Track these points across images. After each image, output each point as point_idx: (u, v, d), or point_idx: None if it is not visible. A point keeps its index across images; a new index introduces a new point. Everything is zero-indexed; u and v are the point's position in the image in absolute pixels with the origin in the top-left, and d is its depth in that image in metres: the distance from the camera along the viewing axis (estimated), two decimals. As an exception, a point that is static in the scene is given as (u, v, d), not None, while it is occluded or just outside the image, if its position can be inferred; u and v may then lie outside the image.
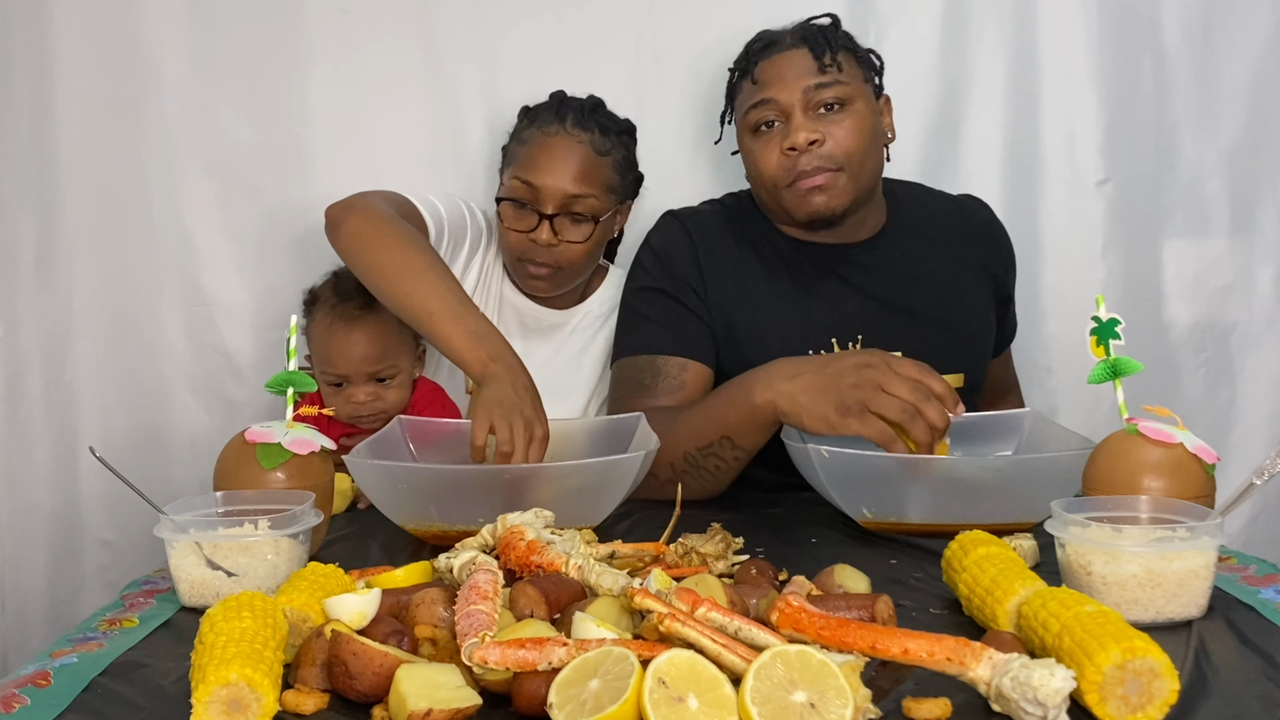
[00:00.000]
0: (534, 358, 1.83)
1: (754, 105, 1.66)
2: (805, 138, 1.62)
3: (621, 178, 1.82)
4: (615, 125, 1.83)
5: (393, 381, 1.72)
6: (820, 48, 1.64)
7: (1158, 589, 1.00)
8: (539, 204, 1.74)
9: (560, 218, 1.74)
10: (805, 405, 1.38)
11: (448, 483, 1.33)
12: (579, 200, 1.74)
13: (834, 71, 1.64)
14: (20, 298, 1.96)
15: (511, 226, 1.77)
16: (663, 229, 1.78)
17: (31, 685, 0.90)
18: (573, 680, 0.81)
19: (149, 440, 2.02)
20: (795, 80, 1.64)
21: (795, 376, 1.41)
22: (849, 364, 1.38)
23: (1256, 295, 2.11)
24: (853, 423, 1.34)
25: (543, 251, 1.76)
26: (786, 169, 1.64)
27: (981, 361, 1.79)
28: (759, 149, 1.67)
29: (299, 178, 2.01)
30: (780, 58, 1.66)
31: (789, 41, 1.67)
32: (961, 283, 1.77)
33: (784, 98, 1.64)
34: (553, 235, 1.74)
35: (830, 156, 1.63)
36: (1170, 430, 1.15)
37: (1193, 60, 2.05)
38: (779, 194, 1.67)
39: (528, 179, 1.74)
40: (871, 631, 0.84)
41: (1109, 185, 2.06)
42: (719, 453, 1.50)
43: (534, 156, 1.76)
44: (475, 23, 2.00)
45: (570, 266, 1.79)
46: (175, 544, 1.09)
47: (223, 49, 1.98)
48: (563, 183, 1.73)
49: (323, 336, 1.71)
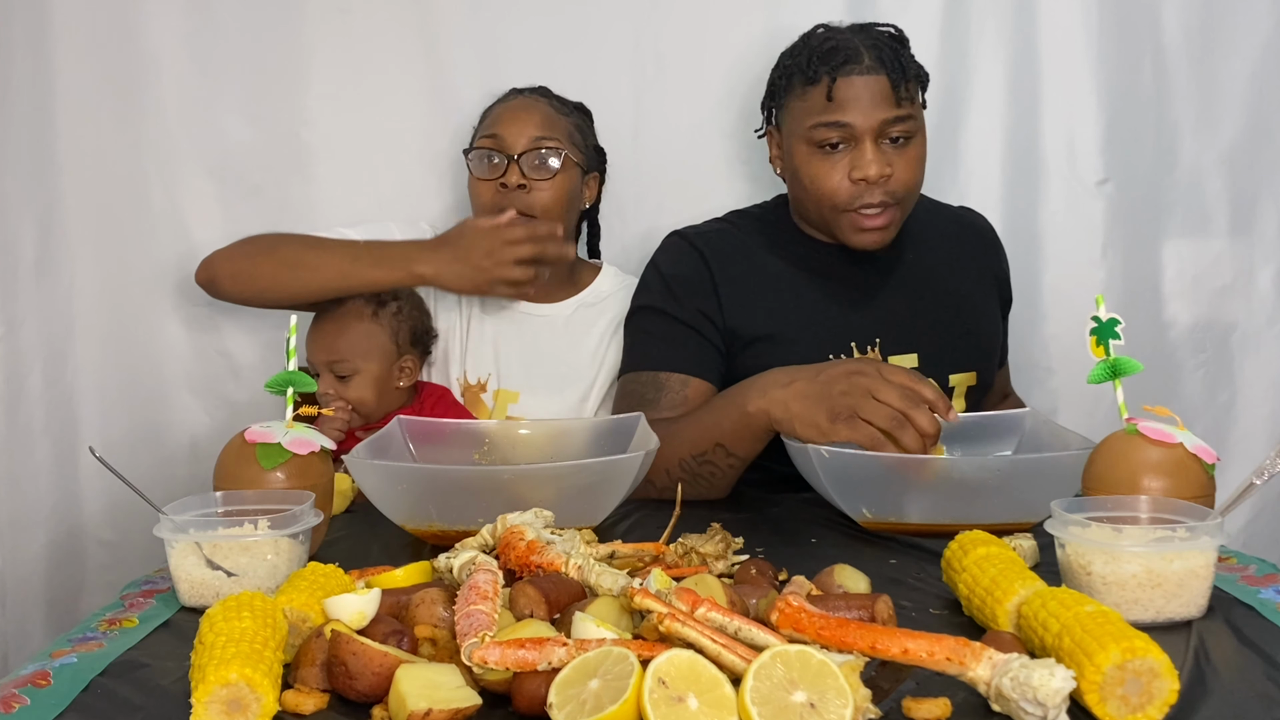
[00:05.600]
0: (528, 352, 1.85)
1: (825, 124, 1.63)
2: (878, 172, 1.61)
3: (584, 139, 1.87)
4: (569, 102, 1.89)
5: (350, 381, 1.73)
6: (898, 77, 1.62)
7: (1158, 589, 1.00)
8: (505, 149, 1.79)
9: (527, 156, 1.78)
10: (797, 412, 1.39)
11: (448, 483, 1.33)
12: (543, 140, 1.79)
13: (907, 104, 1.63)
14: (20, 298, 1.96)
15: (481, 177, 1.81)
16: (670, 250, 1.78)
17: (31, 685, 0.90)
18: (573, 680, 0.81)
19: (149, 440, 2.02)
20: (873, 109, 1.61)
21: (788, 384, 1.42)
22: (840, 371, 1.40)
23: (1256, 295, 2.11)
24: (842, 429, 1.35)
25: (513, 197, 1.78)
26: (851, 195, 1.64)
27: (991, 362, 1.81)
28: (820, 166, 1.65)
29: (299, 178, 2.01)
30: (859, 81, 1.62)
31: (868, 63, 1.62)
32: (971, 287, 1.80)
33: (860, 125, 1.62)
34: (521, 175, 1.78)
35: (893, 191, 1.64)
36: (1170, 430, 1.14)
37: (1193, 60, 2.05)
38: (836, 215, 1.67)
39: (493, 132, 1.81)
40: (871, 631, 0.84)
41: (1109, 185, 2.07)
42: (714, 460, 1.50)
43: (497, 117, 1.84)
44: (475, 23, 2.00)
45: (544, 216, 1.80)
46: (175, 544, 1.09)
47: (223, 49, 1.99)
48: (527, 130, 1.80)
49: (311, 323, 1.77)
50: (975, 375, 1.74)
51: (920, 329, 1.71)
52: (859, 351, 1.68)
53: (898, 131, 1.63)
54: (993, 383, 1.81)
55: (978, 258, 1.83)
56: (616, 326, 1.84)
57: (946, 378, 1.71)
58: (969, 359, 1.74)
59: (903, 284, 1.74)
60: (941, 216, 1.85)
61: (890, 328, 1.70)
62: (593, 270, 1.95)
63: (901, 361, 1.68)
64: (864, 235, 1.66)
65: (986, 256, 1.85)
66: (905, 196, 1.66)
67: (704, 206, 1.93)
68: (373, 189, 2.02)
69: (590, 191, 1.91)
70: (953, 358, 1.73)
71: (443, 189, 2.01)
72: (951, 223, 1.85)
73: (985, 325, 1.80)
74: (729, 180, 2.03)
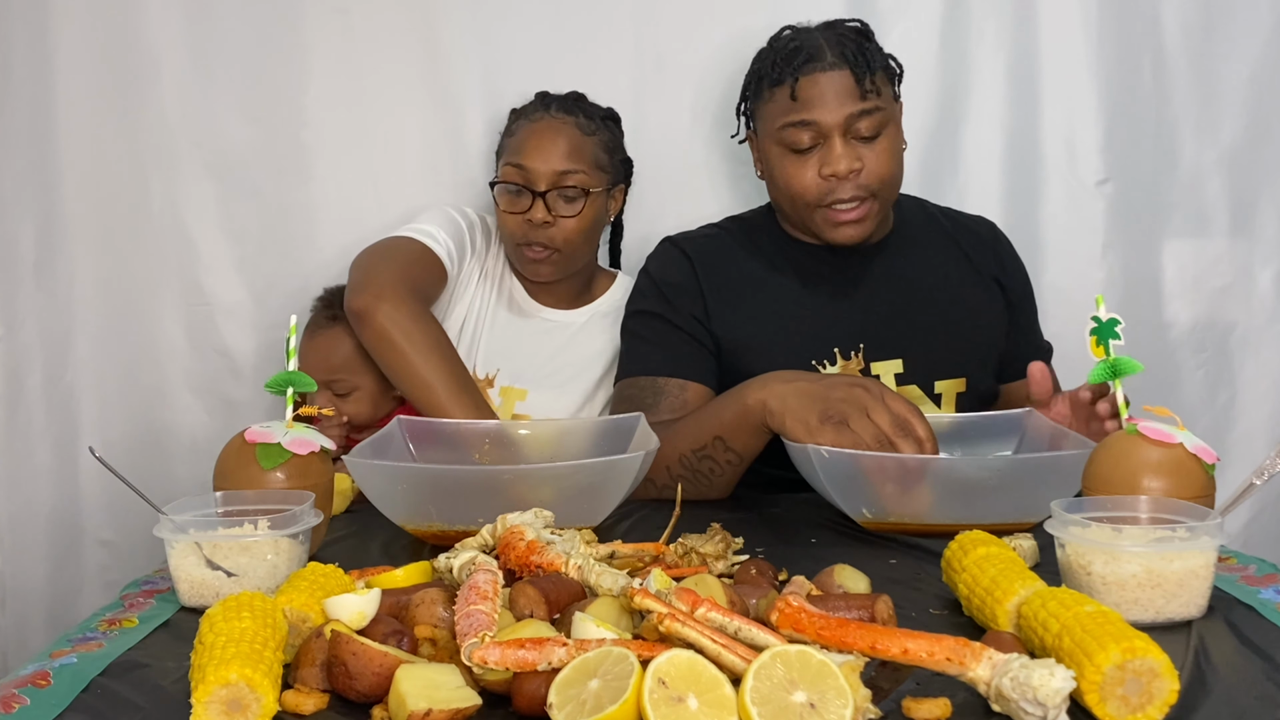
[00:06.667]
0: (540, 353, 1.85)
1: (791, 124, 1.64)
2: (847, 167, 1.62)
3: (610, 156, 1.85)
4: (599, 111, 1.87)
5: (349, 397, 1.75)
6: (861, 70, 1.62)
7: (1158, 589, 0.99)
8: (531, 184, 1.78)
9: (552, 194, 1.77)
10: (792, 407, 1.40)
11: (447, 483, 1.33)
12: (569, 175, 1.78)
13: (873, 97, 1.63)
14: (20, 298, 1.96)
15: (507, 210, 1.80)
16: (661, 256, 1.79)
17: (31, 685, 0.90)
18: (573, 680, 0.81)
19: (149, 440, 2.02)
20: (838, 105, 1.62)
21: (791, 381, 1.44)
22: (844, 381, 1.41)
23: (1256, 295, 2.10)
24: (829, 431, 1.35)
25: (539, 232, 1.78)
26: (823, 192, 1.64)
27: (987, 369, 1.78)
28: (791, 167, 1.66)
29: (299, 178, 2.01)
30: (823, 77, 1.62)
31: (830, 60, 1.63)
32: (967, 291, 1.78)
33: (826, 121, 1.62)
34: (547, 213, 1.77)
35: (866, 185, 1.64)
36: (1170, 430, 1.14)
37: (1193, 60, 2.05)
38: (810, 213, 1.68)
39: (518, 163, 1.79)
40: (871, 631, 0.84)
41: (1109, 185, 2.06)
42: (713, 455, 1.50)
43: (523, 142, 1.81)
44: (475, 23, 2.00)
45: (568, 246, 1.80)
46: (175, 544, 1.09)
47: (223, 49, 1.98)
48: (552, 161, 1.78)
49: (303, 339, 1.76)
50: (965, 381, 1.73)
51: (906, 334, 1.71)
52: (841, 356, 1.69)
53: (866, 125, 1.63)
54: (990, 390, 1.79)
55: (977, 261, 1.81)
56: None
57: (932, 384, 1.71)
58: (958, 365, 1.73)
59: (890, 288, 1.74)
60: (940, 221, 1.85)
61: (874, 332, 1.70)
62: (609, 278, 1.95)
63: (885, 367, 1.69)
64: (840, 230, 1.67)
65: (985, 260, 1.82)
66: (880, 189, 1.66)
67: (703, 209, 1.94)
68: (373, 189, 2.02)
69: (616, 204, 1.91)
70: (939, 363, 1.72)
71: (443, 189, 2.01)
72: (951, 227, 1.84)
73: (982, 331, 1.78)
74: (729, 181, 2.03)
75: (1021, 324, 1.84)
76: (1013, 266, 1.86)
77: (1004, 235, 1.89)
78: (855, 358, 1.69)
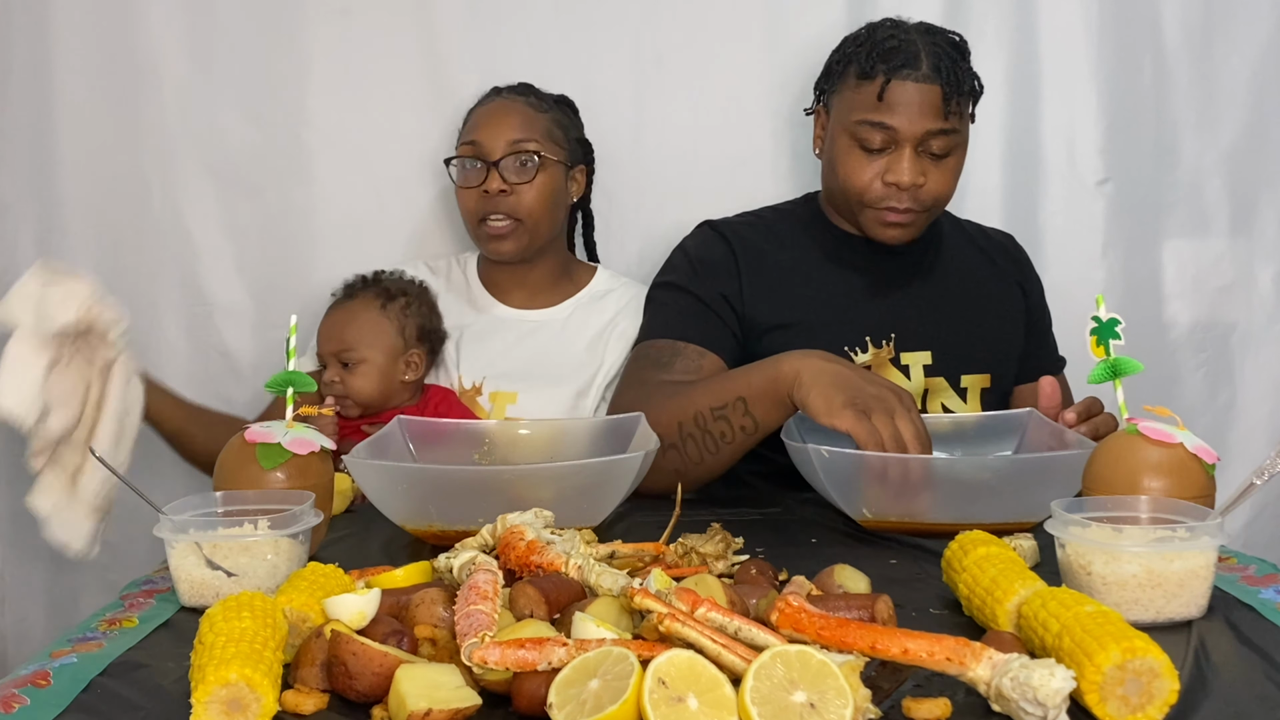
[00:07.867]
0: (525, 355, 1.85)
1: (870, 122, 1.64)
2: (910, 180, 1.63)
3: (564, 134, 1.87)
4: (550, 96, 1.90)
5: (357, 369, 1.75)
6: (951, 89, 1.62)
7: (1158, 589, 1.00)
8: (484, 155, 1.80)
9: (506, 160, 1.79)
10: (824, 384, 1.39)
11: (448, 483, 1.33)
12: (521, 144, 1.80)
13: (954, 118, 1.64)
14: (20, 298, 1.96)
15: (463, 185, 1.83)
16: (699, 235, 1.81)
17: (31, 685, 0.89)
18: (573, 680, 0.81)
19: (149, 440, 2.02)
20: (920, 118, 1.62)
21: (830, 360, 1.44)
22: (884, 382, 1.42)
23: (1256, 295, 2.11)
24: (849, 415, 1.35)
25: (497, 202, 1.80)
26: (879, 195, 1.66)
27: (1010, 368, 1.80)
28: (855, 161, 1.67)
29: (299, 178, 2.01)
30: (913, 87, 1.62)
31: (924, 71, 1.62)
32: (994, 291, 1.81)
33: (904, 130, 1.62)
34: (502, 181, 1.79)
35: (922, 200, 1.66)
36: (1170, 430, 1.14)
37: (1193, 60, 2.05)
38: (860, 208, 1.69)
39: (472, 139, 1.82)
40: (871, 631, 0.84)
41: (1109, 185, 2.07)
42: (729, 416, 1.49)
43: (475, 121, 1.85)
44: (475, 23, 2.00)
45: (530, 218, 1.81)
46: (175, 544, 1.09)
47: (223, 49, 1.98)
48: (504, 133, 1.81)
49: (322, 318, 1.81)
50: (990, 378, 1.75)
51: (936, 327, 1.73)
52: (873, 345, 1.70)
53: (939, 144, 1.64)
54: (1010, 389, 1.81)
55: (1001, 265, 1.85)
56: (614, 324, 1.86)
57: (959, 378, 1.73)
58: (984, 362, 1.75)
59: (924, 282, 1.76)
60: (966, 228, 1.88)
61: (906, 323, 1.72)
62: (588, 271, 1.96)
63: (914, 358, 1.71)
64: (887, 230, 1.69)
65: (1010, 266, 1.86)
66: (934, 206, 1.69)
67: (704, 206, 1.93)
68: (373, 189, 2.02)
69: (577, 185, 1.92)
70: (967, 358, 1.74)
71: (442, 189, 2.01)
72: (980, 235, 1.88)
73: (1006, 331, 1.81)
74: (729, 180, 2.02)
75: (1036, 330, 1.87)
76: (1033, 277, 1.89)
77: (1024, 250, 1.92)
78: (886, 346, 1.71)
